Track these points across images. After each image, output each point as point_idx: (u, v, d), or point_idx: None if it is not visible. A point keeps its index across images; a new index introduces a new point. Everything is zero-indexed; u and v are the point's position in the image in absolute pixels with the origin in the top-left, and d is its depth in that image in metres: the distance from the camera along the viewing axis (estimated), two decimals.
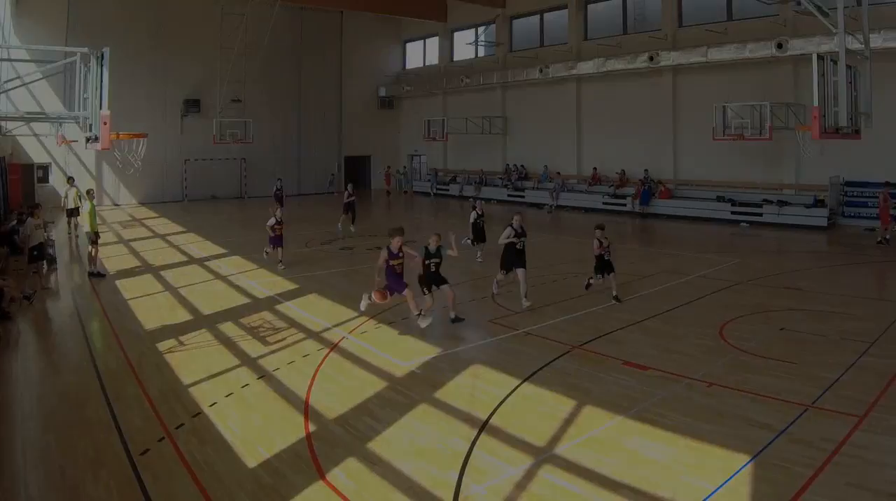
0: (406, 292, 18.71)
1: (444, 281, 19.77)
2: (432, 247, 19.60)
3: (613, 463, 11.27)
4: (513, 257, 22.25)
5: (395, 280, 18.79)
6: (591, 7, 55.74)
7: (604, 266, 22.21)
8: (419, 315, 18.82)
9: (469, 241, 30.67)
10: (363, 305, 19.64)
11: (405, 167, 74.44)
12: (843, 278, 26.28)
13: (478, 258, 29.93)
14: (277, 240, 28.83)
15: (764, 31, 42.13)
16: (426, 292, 19.54)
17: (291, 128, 67.50)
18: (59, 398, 14.51)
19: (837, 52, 25.49)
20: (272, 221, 28.56)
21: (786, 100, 40.32)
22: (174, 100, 59.53)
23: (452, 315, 19.94)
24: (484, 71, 63.12)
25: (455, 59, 70.08)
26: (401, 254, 18.73)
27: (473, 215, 31.70)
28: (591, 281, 22.78)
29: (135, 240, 37.67)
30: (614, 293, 22.33)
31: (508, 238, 22.12)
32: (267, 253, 29.30)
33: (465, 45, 68.10)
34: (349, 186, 40.25)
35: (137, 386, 15.10)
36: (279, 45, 62.56)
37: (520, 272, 22.00)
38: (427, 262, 19.51)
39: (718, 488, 10.39)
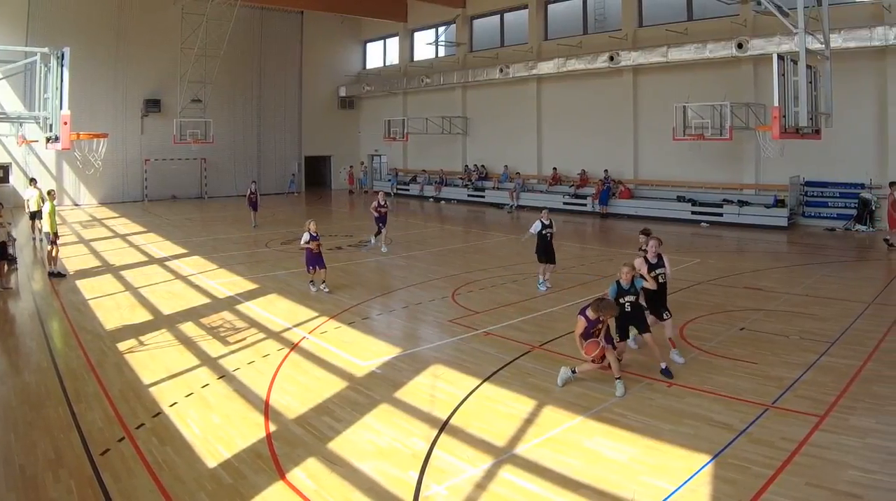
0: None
1: (646, 326, 15.94)
2: (625, 283, 15.61)
3: (573, 463, 11.34)
4: (542, 248, 23.03)
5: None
6: (551, 7, 55.90)
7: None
8: (619, 379, 14.70)
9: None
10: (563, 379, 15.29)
11: (364, 166, 74.45)
12: (804, 278, 26.34)
13: (541, 287, 24.62)
14: (316, 260, 24.23)
15: (724, 31, 42.40)
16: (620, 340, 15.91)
17: (252, 128, 67.47)
18: (19, 398, 14.46)
19: (798, 52, 25.80)
20: (306, 237, 23.93)
21: (746, 100, 40.69)
22: (135, 100, 59.30)
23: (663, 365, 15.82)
24: (444, 71, 63.15)
25: (415, 59, 70.14)
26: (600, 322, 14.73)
27: (538, 225, 24.49)
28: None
29: (95, 240, 37.60)
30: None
31: (536, 230, 23.06)
32: (312, 282, 24.58)
33: (426, 45, 68.34)
34: (382, 197, 33.09)
35: (97, 385, 15.12)
36: (239, 46, 62.67)
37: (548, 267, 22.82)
38: (622, 302, 15.53)
39: (679, 488, 10.49)
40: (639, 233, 18.86)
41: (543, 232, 24.14)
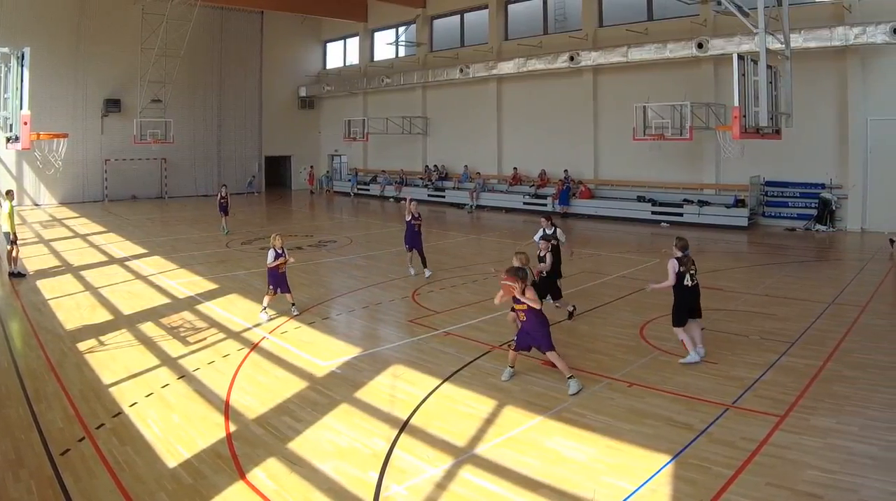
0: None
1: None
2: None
3: (533, 463, 11.33)
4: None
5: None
6: (511, 7, 55.94)
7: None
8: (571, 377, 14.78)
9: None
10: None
11: (327, 171, 74.39)
12: (764, 278, 26.43)
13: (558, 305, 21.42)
14: (280, 281, 21.19)
15: (684, 31, 42.58)
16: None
17: (212, 129, 67.21)
18: None
19: (758, 52, 25.77)
20: (272, 255, 20.95)
21: (706, 100, 40.84)
22: (95, 100, 58.95)
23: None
24: (404, 71, 63.07)
25: (375, 59, 70.07)
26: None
27: (541, 233, 21.67)
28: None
29: (55, 240, 37.37)
30: None
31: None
32: (266, 310, 21.17)
33: (386, 46, 68.33)
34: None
35: (58, 385, 15.04)
36: (200, 46, 62.36)
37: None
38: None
39: (639, 488, 10.48)
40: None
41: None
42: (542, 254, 19.70)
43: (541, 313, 14.81)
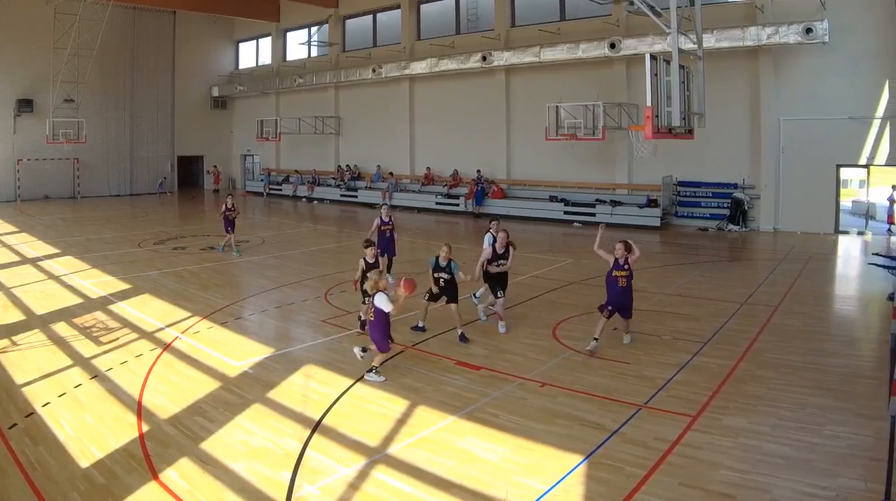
0: None
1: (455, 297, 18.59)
2: (442, 261, 18.39)
3: (446, 463, 11.40)
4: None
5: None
6: (424, 7, 56.05)
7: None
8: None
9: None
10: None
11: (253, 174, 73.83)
12: (676, 278, 26.69)
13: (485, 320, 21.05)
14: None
15: (597, 31, 42.90)
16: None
17: (125, 128, 66.43)
18: None
19: (670, 52, 25.82)
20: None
21: (619, 100, 41.15)
22: (7, 100, 58.25)
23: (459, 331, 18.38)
24: (317, 71, 63.05)
25: (288, 59, 69.96)
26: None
27: (489, 238, 20.62)
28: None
29: None
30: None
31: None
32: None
33: (298, 46, 68.18)
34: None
35: None
36: (112, 46, 61.80)
37: None
38: (436, 276, 18.45)
39: (552, 488, 10.54)
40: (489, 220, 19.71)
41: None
42: (500, 252, 19.48)
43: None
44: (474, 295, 21.11)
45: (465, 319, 19.20)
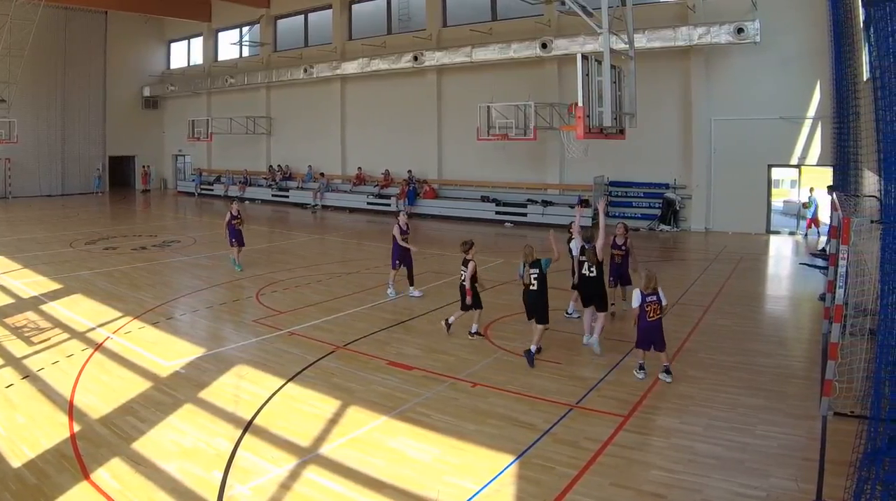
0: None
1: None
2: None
3: (378, 463, 11.44)
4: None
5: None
6: (355, 7, 56.08)
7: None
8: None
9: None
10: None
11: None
12: (607, 278, 26.69)
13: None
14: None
15: (528, 31, 43.05)
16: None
17: (56, 128, 65.65)
18: None
19: (602, 52, 25.78)
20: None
21: (550, 100, 41.10)
22: None
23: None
24: (248, 71, 62.83)
25: (220, 59, 69.59)
26: None
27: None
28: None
29: None
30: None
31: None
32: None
33: (230, 46, 67.89)
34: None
35: None
36: (44, 45, 60.81)
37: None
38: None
39: (483, 488, 10.61)
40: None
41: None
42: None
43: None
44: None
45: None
